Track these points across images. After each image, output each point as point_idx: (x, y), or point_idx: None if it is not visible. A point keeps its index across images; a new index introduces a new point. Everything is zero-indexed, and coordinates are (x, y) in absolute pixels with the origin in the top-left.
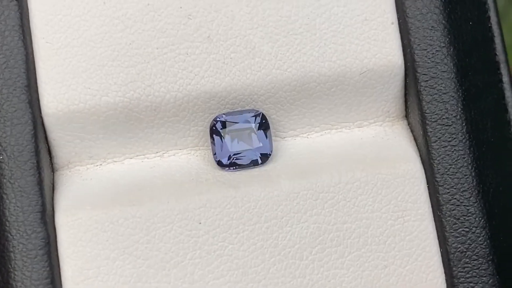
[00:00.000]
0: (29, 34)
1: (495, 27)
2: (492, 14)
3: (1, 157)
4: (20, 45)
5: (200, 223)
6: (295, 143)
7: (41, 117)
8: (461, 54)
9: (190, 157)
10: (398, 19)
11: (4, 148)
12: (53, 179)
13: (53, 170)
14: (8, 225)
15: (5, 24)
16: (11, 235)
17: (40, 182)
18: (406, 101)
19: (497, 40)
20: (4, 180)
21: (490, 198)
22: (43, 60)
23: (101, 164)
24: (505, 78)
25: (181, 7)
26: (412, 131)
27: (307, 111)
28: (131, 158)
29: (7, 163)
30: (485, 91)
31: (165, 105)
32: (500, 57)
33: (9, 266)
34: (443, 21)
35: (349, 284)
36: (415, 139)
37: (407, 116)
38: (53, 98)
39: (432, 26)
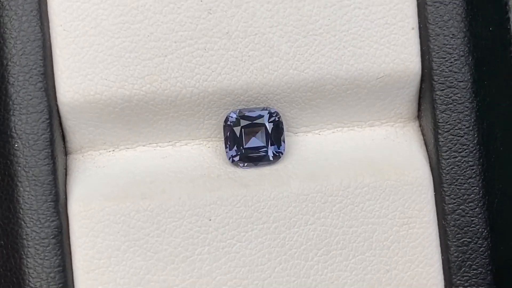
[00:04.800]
0: (47, 21)
1: None
2: None
3: (16, 145)
4: (37, 31)
5: (210, 219)
6: (307, 139)
7: (57, 106)
8: (479, 63)
9: (202, 148)
10: (419, 24)
11: (19, 136)
12: (65, 162)
13: (66, 153)
14: (21, 213)
15: (23, 9)
16: (24, 222)
17: (54, 172)
18: (419, 104)
19: None
20: (19, 168)
21: (494, 208)
22: (60, 48)
23: (113, 150)
24: None
25: (201, 1)
26: (423, 134)
27: (321, 110)
28: (143, 146)
29: (22, 151)
30: (497, 98)
31: (180, 99)
32: None
33: (22, 253)
34: (464, 29)
35: (352, 286)
36: (426, 143)
37: (419, 117)
38: (69, 88)
39: (453, 34)
